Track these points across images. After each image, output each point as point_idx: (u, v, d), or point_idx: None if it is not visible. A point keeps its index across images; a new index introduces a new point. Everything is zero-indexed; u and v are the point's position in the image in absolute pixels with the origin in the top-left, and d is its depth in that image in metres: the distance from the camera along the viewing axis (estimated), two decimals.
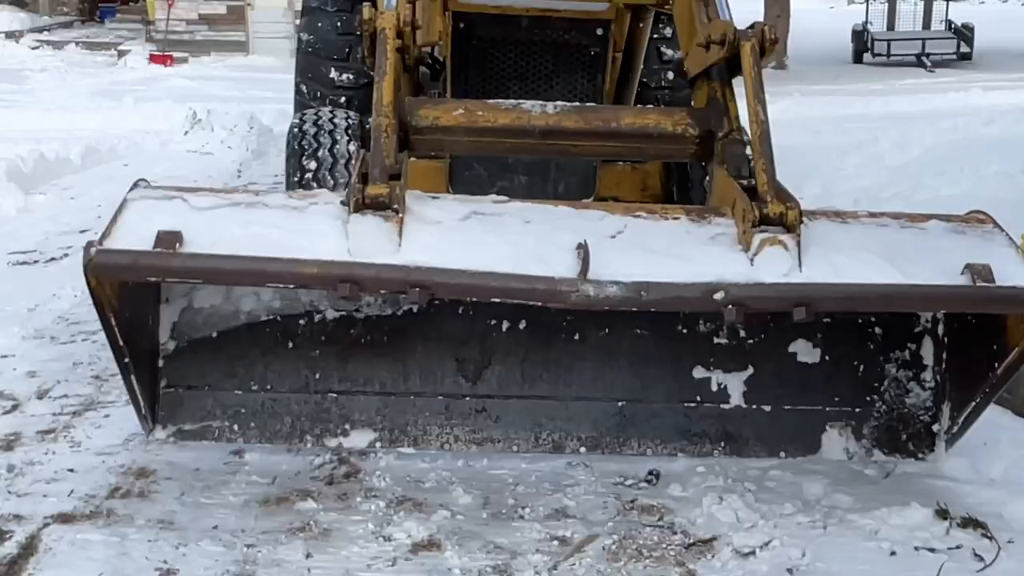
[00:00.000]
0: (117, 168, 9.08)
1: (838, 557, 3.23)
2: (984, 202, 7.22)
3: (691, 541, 3.40)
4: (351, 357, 3.96)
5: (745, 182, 3.70)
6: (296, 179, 5.03)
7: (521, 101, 4.32)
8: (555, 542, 3.38)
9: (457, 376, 3.98)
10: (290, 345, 3.93)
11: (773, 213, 3.45)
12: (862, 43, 20.22)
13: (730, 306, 3.31)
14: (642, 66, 5.75)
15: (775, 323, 3.88)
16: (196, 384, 3.93)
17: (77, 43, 20.87)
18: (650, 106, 5.56)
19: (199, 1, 19.99)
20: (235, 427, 3.93)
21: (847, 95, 14.43)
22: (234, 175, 8.94)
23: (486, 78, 5.26)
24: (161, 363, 3.90)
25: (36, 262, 6.34)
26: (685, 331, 3.96)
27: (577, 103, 4.61)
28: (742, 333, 3.98)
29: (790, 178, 8.15)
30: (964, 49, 19.79)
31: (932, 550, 3.27)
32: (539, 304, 3.43)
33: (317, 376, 3.95)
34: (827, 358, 3.97)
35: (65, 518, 3.41)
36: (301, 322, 3.92)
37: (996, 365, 3.58)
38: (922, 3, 20.96)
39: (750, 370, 3.98)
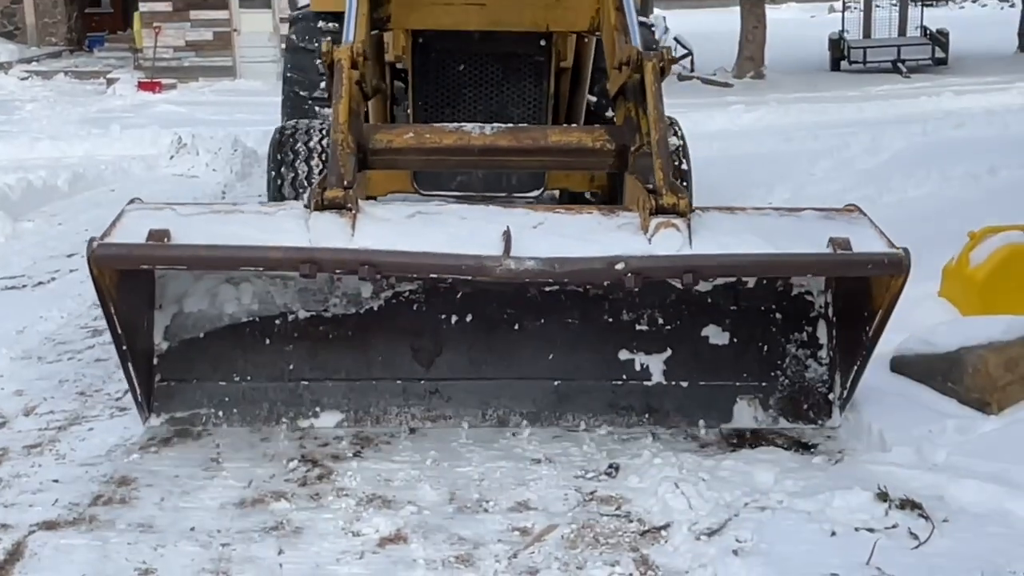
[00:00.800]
0: (104, 193, 9.28)
1: (781, 539, 3.40)
2: (948, 202, 7.49)
3: (645, 528, 3.57)
4: (320, 350, 4.41)
5: (650, 186, 4.19)
6: (277, 184, 5.77)
7: (463, 124, 4.96)
8: (516, 532, 3.56)
9: (413, 363, 4.44)
10: (267, 342, 4.41)
11: (667, 203, 4.02)
12: (839, 51, 20.49)
13: (629, 274, 3.84)
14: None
15: (689, 311, 4.42)
16: (186, 378, 4.38)
17: (66, 72, 21.06)
18: (574, 125, 6.19)
19: (186, 28, 20.23)
20: (220, 413, 4.36)
21: (822, 102, 14.68)
22: (218, 196, 9.14)
23: (444, 86, 5.96)
24: (156, 361, 4.35)
25: (24, 286, 6.51)
26: (611, 320, 4.45)
27: (511, 124, 5.18)
28: (660, 320, 4.45)
29: (760, 184, 8.44)
30: (939, 54, 20.06)
31: (871, 530, 3.43)
32: (470, 278, 3.99)
33: (291, 367, 4.40)
34: (735, 340, 4.45)
35: (49, 525, 3.57)
36: (276, 322, 4.41)
37: (868, 329, 4.07)
38: (897, 10, 21.22)
39: (668, 352, 4.44)
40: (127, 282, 4.00)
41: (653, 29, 7.96)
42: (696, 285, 3.98)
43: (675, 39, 20.69)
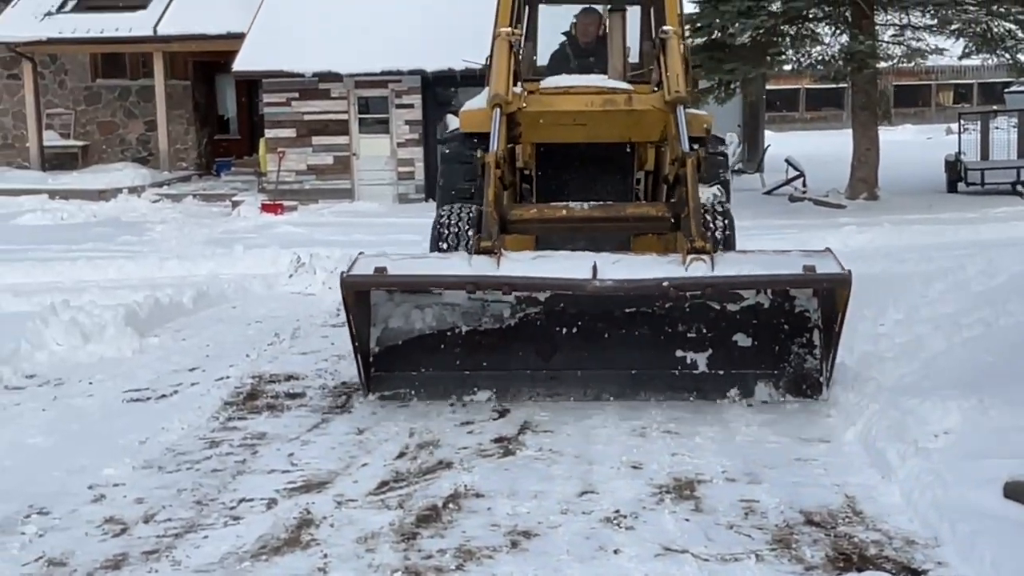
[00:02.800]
0: (226, 310, 9.64)
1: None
2: None
3: None
4: (476, 351, 6.59)
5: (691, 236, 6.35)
6: (439, 243, 7.64)
7: (569, 203, 7.26)
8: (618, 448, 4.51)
9: (537, 359, 6.59)
10: (442, 346, 6.61)
11: (698, 247, 6.24)
12: (956, 172, 20.23)
13: (671, 289, 6.05)
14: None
15: (724, 324, 6.48)
16: (390, 370, 6.59)
17: (194, 195, 22.05)
18: (646, 202, 8.35)
19: (308, 153, 21.07)
20: (412, 392, 6.54)
21: (938, 224, 14.49)
22: (333, 314, 9.37)
23: (557, 180, 8.16)
24: (371, 359, 6.56)
25: (148, 399, 6.76)
26: (670, 330, 6.52)
27: (602, 202, 7.46)
28: (704, 330, 6.50)
29: (872, 304, 8.33)
30: None
31: None
32: (572, 294, 6.24)
33: (458, 362, 6.59)
34: (756, 343, 6.49)
35: None
36: (448, 334, 6.62)
37: (835, 327, 6.08)
38: (1016, 132, 20.92)
39: (710, 351, 6.50)
40: (358, 305, 6.27)
41: (725, 147, 9.42)
42: (725, 302, 6.39)
43: (787, 161, 20.73)
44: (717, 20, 17.59)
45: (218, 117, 27.95)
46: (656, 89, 7.67)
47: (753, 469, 5.18)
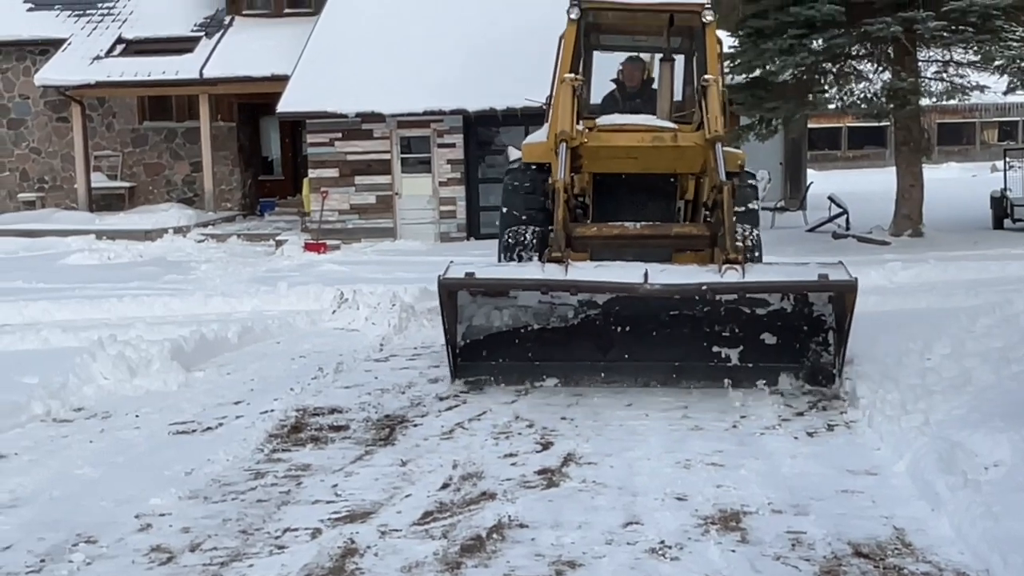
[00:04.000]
0: (270, 346, 9.72)
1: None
2: None
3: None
4: (546, 345, 7.84)
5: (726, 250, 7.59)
6: (508, 256, 9.15)
7: (623, 223, 8.66)
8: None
9: (596, 352, 7.85)
10: (516, 341, 7.87)
11: (732, 258, 7.44)
12: (1001, 209, 20.02)
13: (709, 292, 7.35)
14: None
15: (753, 325, 7.66)
16: (474, 359, 7.89)
17: (239, 235, 22.26)
18: (689, 222, 9.49)
19: (351, 192, 21.25)
20: (491, 378, 7.82)
21: (984, 260, 14.31)
22: (376, 348, 9.43)
23: (611, 203, 9.38)
24: (458, 350, 7.84)
25: (194, 431, 6.81)
26: (708, 330, 7.71)
27: (651, 222, 8.82)
28: (736, 330, 7.70)
29: (917, 338, 8.25)
30: None
31: None
32: (627, 295, 7.51)
33: (530, 354, 7.85)
34: (780, 341, 7.67)
35: None
36: (522, 331, 7.88)
37: (845, 325, 7.34)
38: None
39: (741, 347, 7.71)
40: (449, 304, 7.50)
41: (755, 182, 10.56)
42: (755, 307, 7.63)
43: (829, 198, 20.63)
44: (758, 58, 17.59)
45: (262, 158, 28.30)
46: (698, 129, 8.98)
47: (799, 500, 5.13)
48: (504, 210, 9.94)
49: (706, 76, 8.94)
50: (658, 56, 10.24)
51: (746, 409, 6.98)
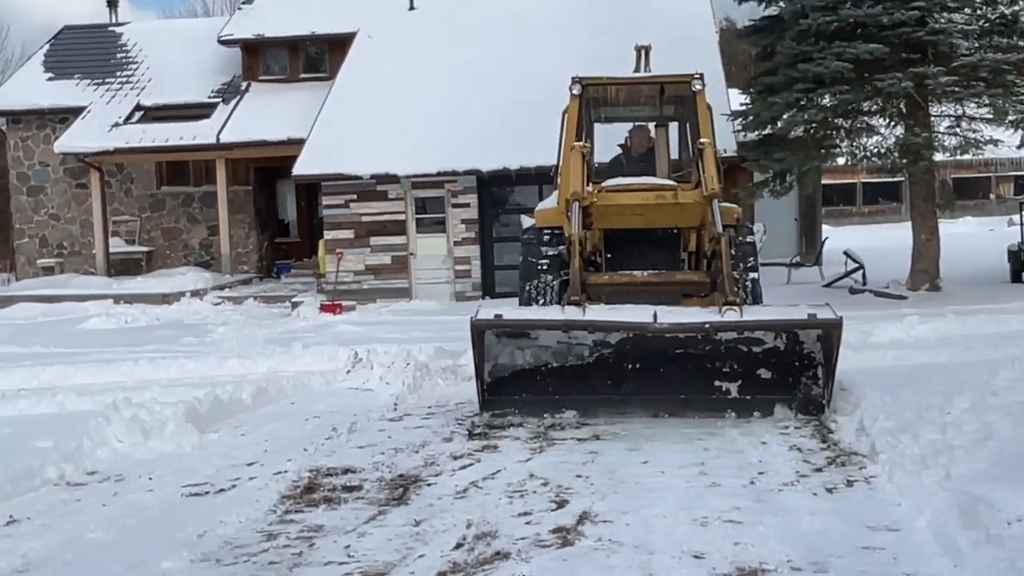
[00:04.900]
0: (284, 406, 9.69)
1: None
2: None
3: None
4: (564, 381, 8.66)
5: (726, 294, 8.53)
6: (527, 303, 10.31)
7: (632, 270, 9.87)
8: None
9: (609, 386, 8.65)
10: (538, 378, 8.73)
11: (731, 300, 8.31)
12: (1019, 262, 19.92)
13: (711, 329, 8.19)
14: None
15: (750, 362, 8.49)
16: (500, 394, 8.72)
17: (255, 297, 22.35)
18: (691, 269, 10.42)
19: (366, 253, 21.34)
20: (515, 410, 8.62)
21: (1002, 313, 14.21)
22: (390, 408, 9.39)
23: (621, 254, 10.36)
24: (486, 386, 8.71)
25: (207, 493, 6.76)
26: (710, 366, 8.53)
27: (657, 270, 9.96)
28: (736, 367, 8.51)
29: (937, 393, 8.17)
30: None
31: None
32: (638, 333, 8.34)
33: (550, 389, 8.67)
34: (775, 375, 8.51)
35: None
36: (543, 368, 8.74)
37: (832, 361, 8.22)
38: None
39: (740, 381, 8.53)
40: (479, 344, 8.40)
41: (751, 237, 11.20)
42: (752, 345, 8.47)
43: (845, 253, 20.58)
44: (767, 111, 17.68)
45: (279, 221, 28.50)
46: (696, 187, 9.90)
47: (819, 558, 5.04)
48: (521, 269, 10.85)
49: (701, 140, 10.00)
50: (653, 124, 11.69)
51: (764, 465, 6.88)
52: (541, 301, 10.16)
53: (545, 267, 10.50)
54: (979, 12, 17.09)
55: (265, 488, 6.74)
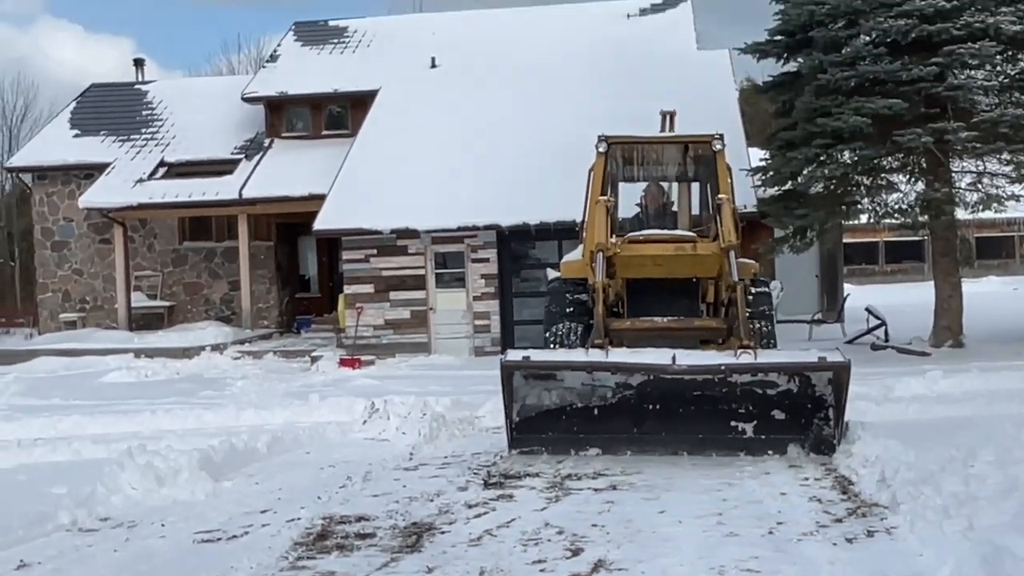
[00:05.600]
0: (300, 456, 9.64)
1: None
2: None
3: None
4: (588, 421, 9.06)
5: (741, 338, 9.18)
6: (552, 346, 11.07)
7: (653, 316, 10.43)
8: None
9: (631, 426, 9.04)
10: (563, 417, 9.12)
11: (746, 344, 8.89)
12: None
13: (727, 371, 8.67)
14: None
15: (765, 403, 8.88)
16: (527, 433, 9.15)
17: (275, 352, 22.36)
18: (709, 317, 10.96)
19: (386, 308, 21.35)
20: (542, 449, 9.07)
21: None
22: (406, 457, 9.33)
23: (643, 300, 10.82)
24: (514, 424, 9.14)
25: (219, 539, 6.70)
26: (726, 408, 8.93)
27: (677, 317, 10.50)
28: (751, 408, 8.91)
29: (962, 446, 8.04)
30: None
31: None
32: (658, 375, 8.80)
33: (574, 428, 9.08)
34: (788, 416, 8.90)
35: None
36: (568, 408, 9.12)
37: (841, 402, 8.72)
38: None
39: (755, 422, 8.93)
40: (507, 385, 8.90)
41: (768, 291, 12.05)
42: (766, 388, 8.87)
43: (867, 309, 20.44)
44: (786, 166, 17.68)
45: (299, 276, 28.62)
46: (714, 239, 10.51)
47: None
48: (546, 318, 11.74)
49: (720, 195, 10.60)
50: (675, 181, 12.42)
51: (783, 516, 6.77)
52: (565, 343, 10.88)
53: (569, 313, 11.19)
54: (999, 68, 17.11)
55: (278, 535, 6.67)
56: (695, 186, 12.58)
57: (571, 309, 11.18)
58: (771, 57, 18.61)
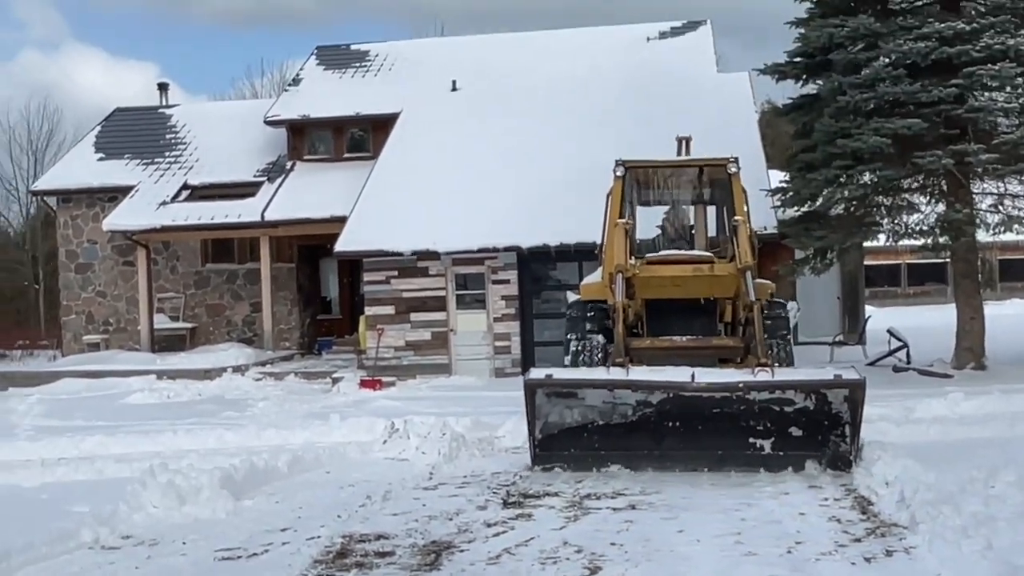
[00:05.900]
0: (320, 475, 9.69)
1: None
2: None
3: None
4: (610, 437, 9.24)
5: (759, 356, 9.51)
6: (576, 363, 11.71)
7: (672, 336, 10.91)
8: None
9: (652, 443, 9.18)
10: (585, 434, 9.31)
11: (763, 362, 9.22)
12: None
13: (744, 387, 8.89)
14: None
15: (782, 421, 9.01)
16: (550, 450, 9.38)
17: (296, 373, 22.42)
18: (727, 336, 11.43)
19: (406, 329, 21.40)
20: (563, 465, 9.28)
21: None
22: (426, 477, 9.37)
23: (661, 320, 11.16)
24: (537, 441, 9.39)
25: (239, 557, 6.76)
26: (744, 425, 9.05)
27: (695, 336, 10.94)
28: (769, 425, 9.03)
29: (983, 467, 8.02)
30: None
31: None
32: (678, 392, 9.01)
33: (596, 446, 9.26)
34: (805, 433, 9.02)
35: None
36: (589, 426, 9.32)
37: (857, 418, 8.85)
38: None
39: (773, 438, 9.07)
40: (530, 402, 9.11)
41: (785, 312, 12.45)
42: (783, 405, 9.03)
43: (889, 331, 20.37)
44: (806, 188, 17.68)
45: (321, 298, 28.72)
46: (731, 260, 10.81)
47: None
48: (567, 336, 12.11)
49: (736, 217, 10.98)
50: (692, 204, 12.79)
51: (801, 535, 6.77)
52: (586, 359, 11.23)
53: (590, 333, 11.60)
54: (1019, 90, 17.07)
55: (297, 553, 6.72)
56: (711, 208, 12.94)
57: (591, 328, 11.56)
58: (790, 78, 18.64)
